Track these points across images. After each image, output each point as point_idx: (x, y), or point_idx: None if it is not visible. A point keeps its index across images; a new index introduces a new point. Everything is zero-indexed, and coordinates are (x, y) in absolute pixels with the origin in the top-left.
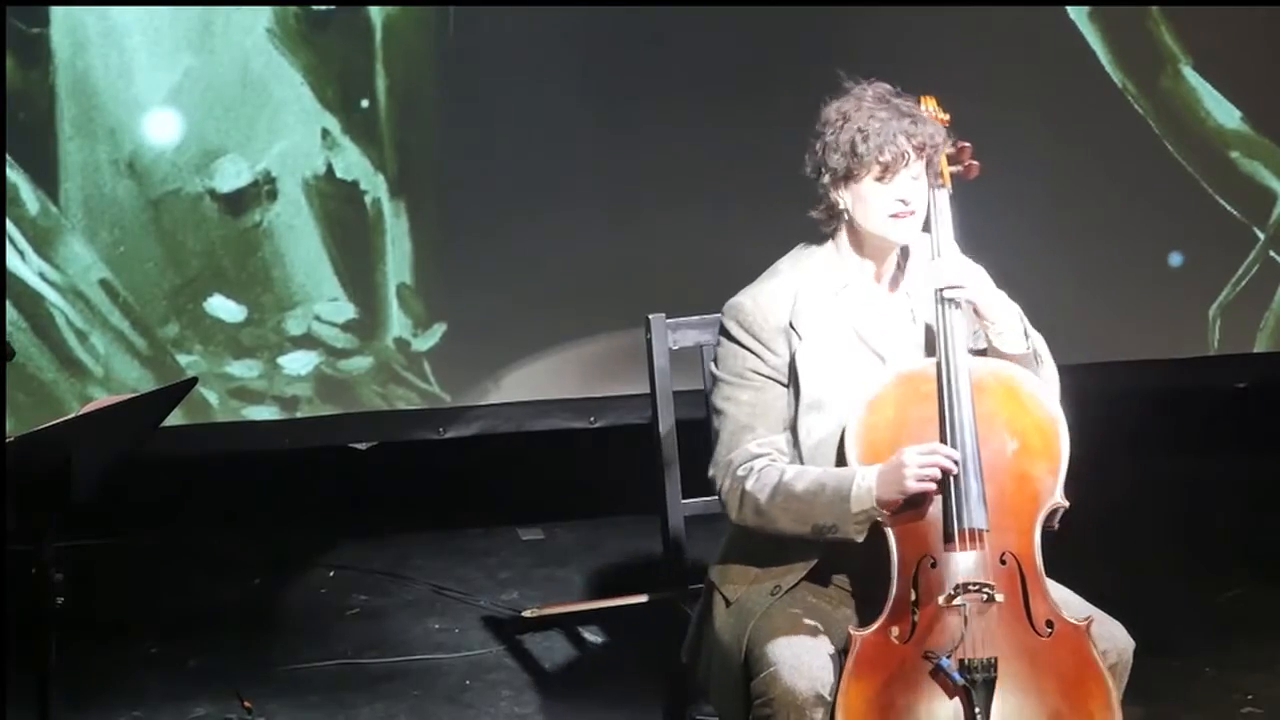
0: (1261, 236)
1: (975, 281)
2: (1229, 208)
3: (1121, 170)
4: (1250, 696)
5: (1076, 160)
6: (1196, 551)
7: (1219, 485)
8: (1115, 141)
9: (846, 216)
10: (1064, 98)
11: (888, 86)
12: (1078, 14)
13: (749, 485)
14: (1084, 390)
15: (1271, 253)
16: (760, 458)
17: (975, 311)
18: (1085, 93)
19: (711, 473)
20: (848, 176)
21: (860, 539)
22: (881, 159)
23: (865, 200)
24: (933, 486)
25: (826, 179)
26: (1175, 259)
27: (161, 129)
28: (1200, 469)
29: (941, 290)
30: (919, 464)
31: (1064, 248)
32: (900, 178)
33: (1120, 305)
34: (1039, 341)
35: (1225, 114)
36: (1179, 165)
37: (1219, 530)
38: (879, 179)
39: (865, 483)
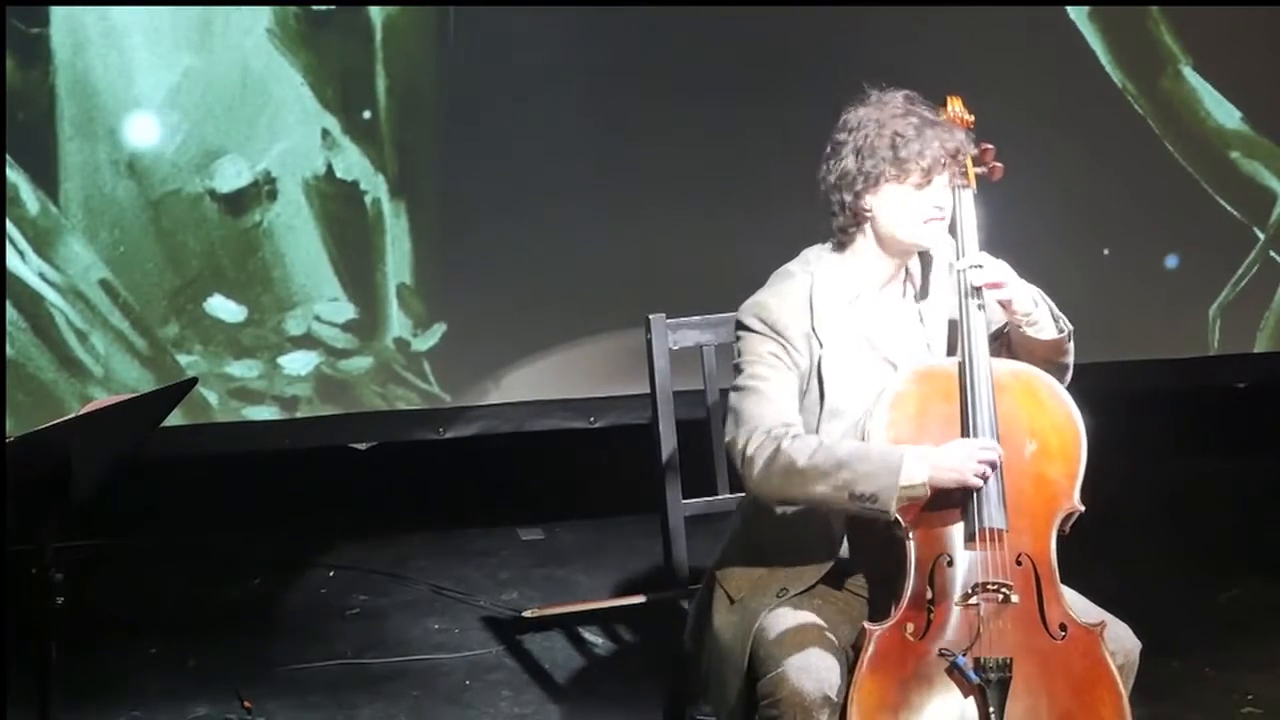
0: (1261, 236)
1: (1010, 279)
2: (1229, 208)
3: (1121, 170)
4: (1250, 696)
5: (1076, 160)
6: (1196, 551)
7: (1219, 485)
8: (1115, 142)
9: (870, 221)
10: (1064, 98)
11: (909, 92)
12: (1078, 14)
13: (785, 444)
14: (1084, 390)
15: (1271, 253)
16: (795, 424)
17: (1004, 308)
18: (1085, 93)
19: (731, 436)
20: (881, 180)
21: (893, 516)
22: (922, 163)
23: (899, 206)
24: (982, 483)
25: (859, 184)
26: (1171, 261)
27: (162, 129)
28: (1200, 469)
29: (974, 284)
30: (979, 458)
31: (1064, 248)
32: (937, 183)
33: (1120, 305)
34: (1064, 320)
35: (1225, 114)
36: (1179, 165)
37: (1219, 530)
38: (919, 185)
39: (917, 461)
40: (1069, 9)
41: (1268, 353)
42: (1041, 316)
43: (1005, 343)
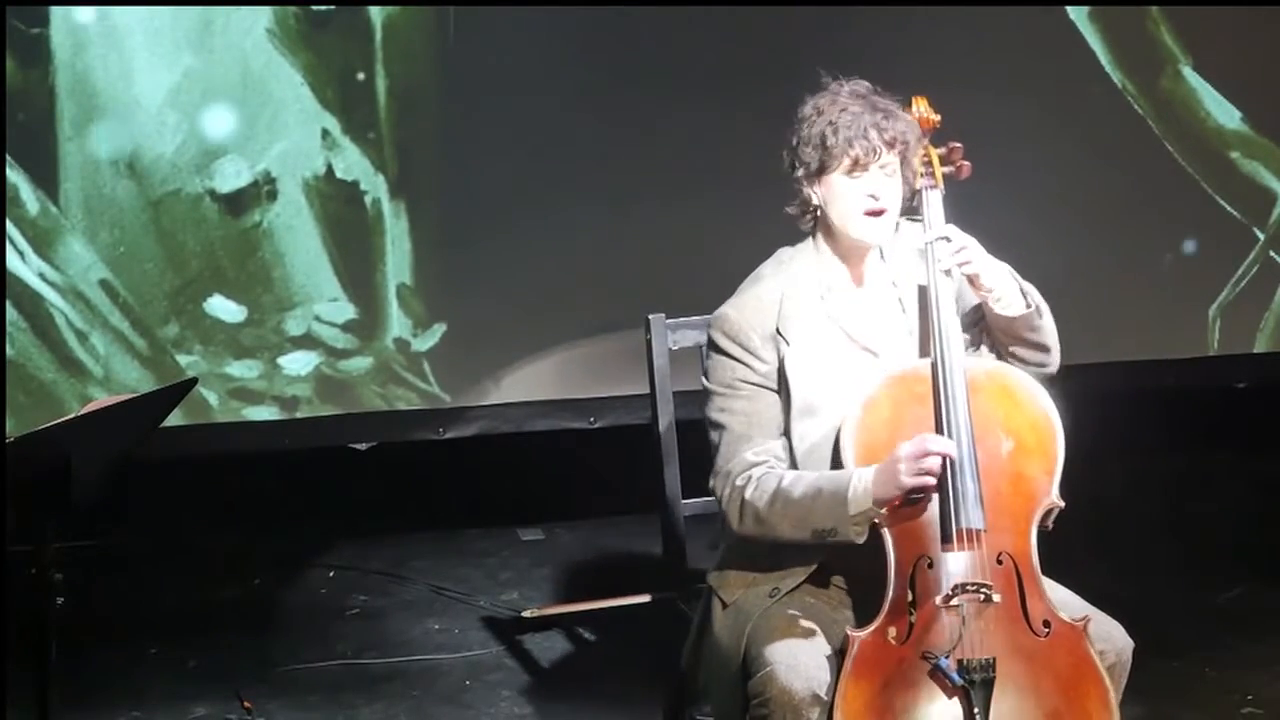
0: (1261, 236)
1: (976, 251)
2: (1229, 208)
3: (1121, 170)
4: (1250, 696)
5: (1076, 160)
6: (1196, 551)
7: (1219, 485)
8: (1115, 142)
9: (820, 213)
10: (1064, 98)
11: (866, 84)
12: (1078, 14)
13: (748, 494)
14: (1084, 390)
15: (1271, 253)
16: (757, 466)
17: (972, 282)
18: (1085, 93)
19: (712, 484)
20: (820, 170)
21: (860, 540)
22: (851, 152)
23: (837, 197)
24: (931, 481)
25: (800, 173)
26: (1189, 246)
27: (162, 129)
28: (1200, 469)
29: (932, 244)
30: (913, 457)
31: (1063, 248)
32: (871, 173)
33: (1120, 305)
34: (1035, 295)
35: (1225, 114)
36: (1179, 165)
37: (1219, 530)
38: (849, 173)
39: (862, 483)
40: (1069, 9)
41: (1268, 353)
42: (1008, 292)
43: (984, 325)
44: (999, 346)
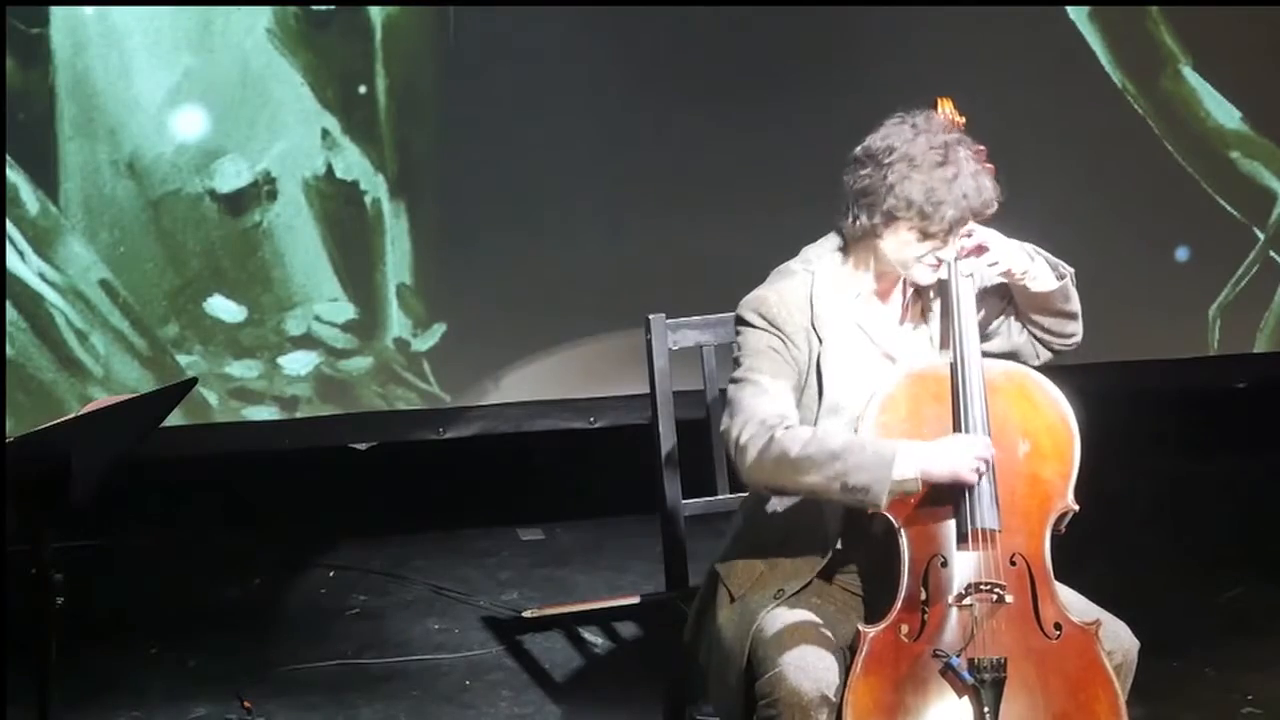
0: (1261, 236)
1: (994, 242)
2: (1229, 208)
3: (1121, 170)
4: (1250, 696)
5: (1076, 160)
6: (1196, 551)
7: (1219, 485)
8: (1115, 142)
9: (878, 241)
10: (1064, 98)
11: (959, 133)
12: (1078, 14)
13: (779, 434)
14: (1084, 390)
15: (1271, 253)
16: (789, 417)
17: (1005, 273)
18: (1085, 93)
19: (726, 425)
20: (898, 223)
21: (884, 509)
22: (943, 226)
23: (899, 245)
24: (976, 479)
25: (877, 217)
26: (1181, 253)
27: (161, 129)
28: (1200, 469)
29: (960, 261)
30: (975, 454)
31: (1063, 248)
32: (949, 240)
33: (1120, 305)
34: (1062, 265)
35: (1225, 114)
36: (1179, 165)
37: (1219, 530)
38: (917, 237)
39: (912, 455)
40: (1069, 9)
41: (1268, 353)
42: (1039, 270)
43: (1009, 306)
44: (1028, 326)
